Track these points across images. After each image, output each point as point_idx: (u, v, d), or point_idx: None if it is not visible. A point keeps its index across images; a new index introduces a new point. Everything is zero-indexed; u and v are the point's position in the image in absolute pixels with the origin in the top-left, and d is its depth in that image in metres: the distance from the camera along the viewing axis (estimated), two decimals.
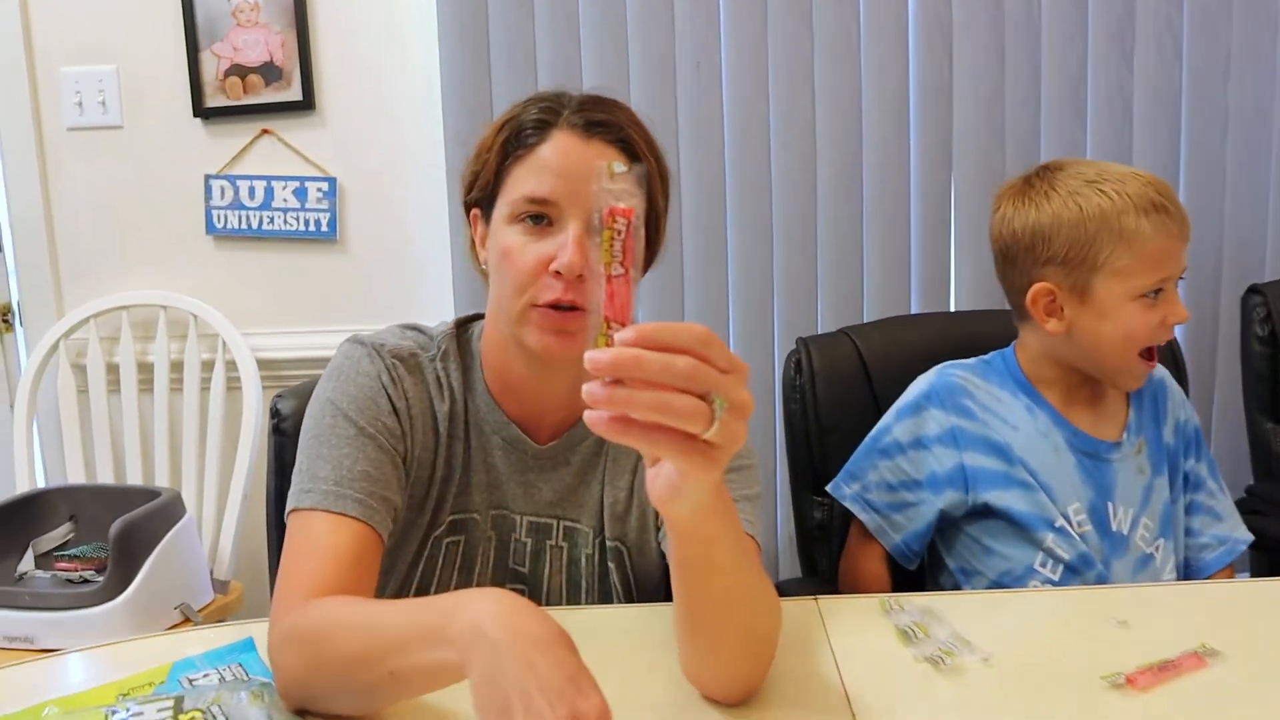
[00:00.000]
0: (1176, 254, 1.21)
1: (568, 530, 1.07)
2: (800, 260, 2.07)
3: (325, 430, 0.97)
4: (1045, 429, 1.28)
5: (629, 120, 1.00)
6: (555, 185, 0.95)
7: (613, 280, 0.63)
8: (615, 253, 0.63)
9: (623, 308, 0.63)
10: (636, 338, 0.60)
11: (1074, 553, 1.24)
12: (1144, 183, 1.21)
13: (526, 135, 0.98)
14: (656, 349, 0.60)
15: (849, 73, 2.04)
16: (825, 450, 1.38)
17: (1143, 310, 1.20)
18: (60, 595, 1.81)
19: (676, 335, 0.61)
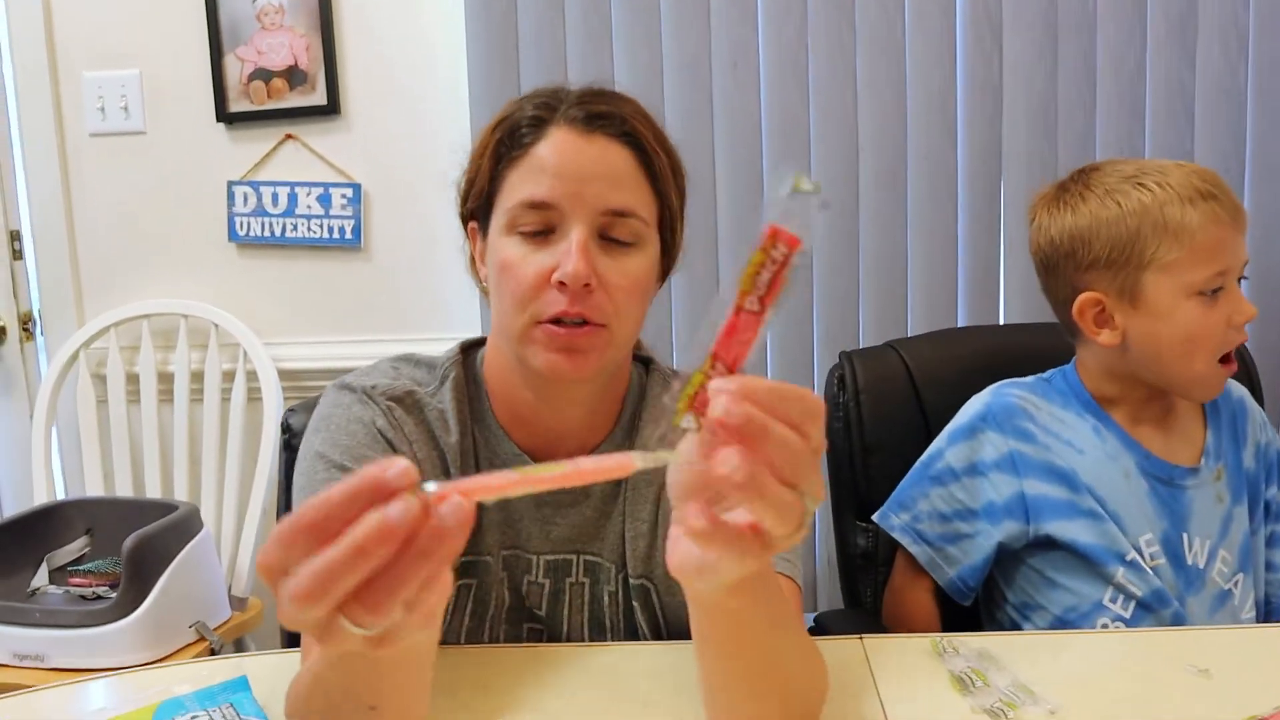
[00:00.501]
0: (1232, 245, 1.10)
1: (589, 565, 0.98)
2: (841, 268, 1.97)
3: (319, 486, 0.87)
4: (1114, 452, 1.17)
5: (634, 112, 0.90)
6: (554, 187, 0.86)
7: (741, 314, 0.51)
8: (760, 283, 0.50)
9: (739, 350, 0.51)
10: (739, 391, 0.48)
11: (1147, 588, 1.13)
12: (1187, 172, 1.11)
13: (522, 135, 0.88)
14: (763, 407, 0.49)
15: (893, 71, 1.94)
16: (870, 473, 1.29)
17: (1203, 309, 1.09)
18: (71, 613, 1.76)
19: (787, 401, 0.49)
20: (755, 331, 0.51)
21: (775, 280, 0.50)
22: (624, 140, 0.88)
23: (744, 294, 0.50)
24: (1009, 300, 1.96)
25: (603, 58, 1.97)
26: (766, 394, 0.48)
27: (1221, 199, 1.10)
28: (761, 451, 0.48)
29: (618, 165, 0.87)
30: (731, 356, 0.51)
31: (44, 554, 1.91)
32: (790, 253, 0.50)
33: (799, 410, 0.49)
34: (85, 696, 0.92)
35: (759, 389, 0.49)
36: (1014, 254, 1.95)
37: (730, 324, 0.51)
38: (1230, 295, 1.11)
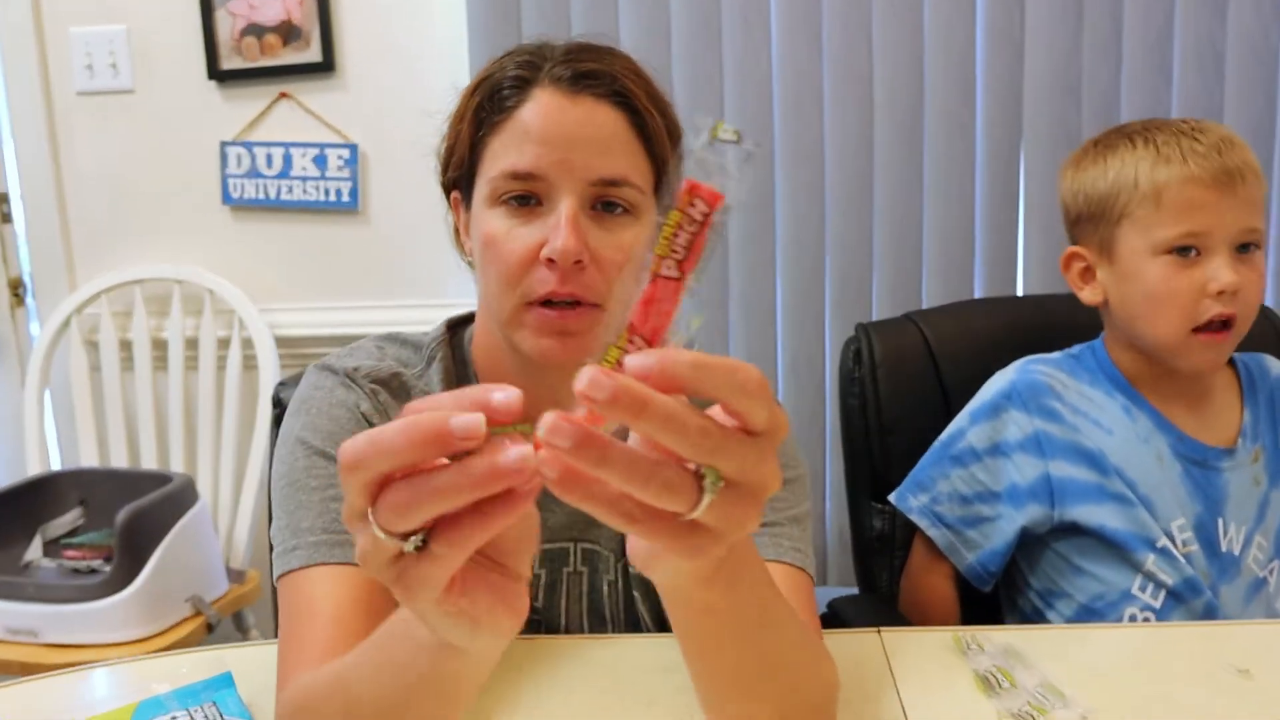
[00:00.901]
0: (1211, 206, 1.04)
1: (586, 554, 0.92)
2: (855, 234, 1.90)
3: (300, 474, 0.82)
4: (1146, 433, 1.11)
5: (625, 69, 0.83)
6: (540, 155, 0.79)
7: (659, 281, 0.45)
8: (677, 246, 0.45)
9: (658, 321, 0.45)
10: (656, 367, 0.42)
11: (1178, 576, 1.08)
12: (1182, 129, 1.07)
13: (503, 97, 0.81)
14: (677, 389, 0.42)
15: (910, 27, 1.86)
16: (887, 451, 1.23)
17: (1169, 269, 1.05)
18: (65, 587, 1.72)
19: (713, 376, 0.42)
20: (676, 299, 0.46)
21: (695, 241, 0.45)
22: (614, 101, 0.81)
23: (660, 258, 0.45)
24: (1029, 269, 1.89)
25: (608, 13, 1.89)
26: (686, 367, 0.42)
27: (1205, 156, 1.04)
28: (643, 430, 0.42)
29: (608, 128, 0.81)
30: (649, 328, 0.45)
31: (37, 526, 1.87)
32: (710, 210, 0.45)
33: (725, 381, 0.43)
34: (59, 694, 0.87)
35: (677, 362, 0.42)
36: (1034, 219, 1.88)
37: (647, 292, 0.45)
38: (1210, 261, 1.05)
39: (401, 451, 0.42)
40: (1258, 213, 1.06)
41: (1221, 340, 1.07)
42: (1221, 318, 1.06)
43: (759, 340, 1.93)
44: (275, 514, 0.81)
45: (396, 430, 0.42)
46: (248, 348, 2.03)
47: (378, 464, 0.42)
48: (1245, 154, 1.06)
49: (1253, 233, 1.06)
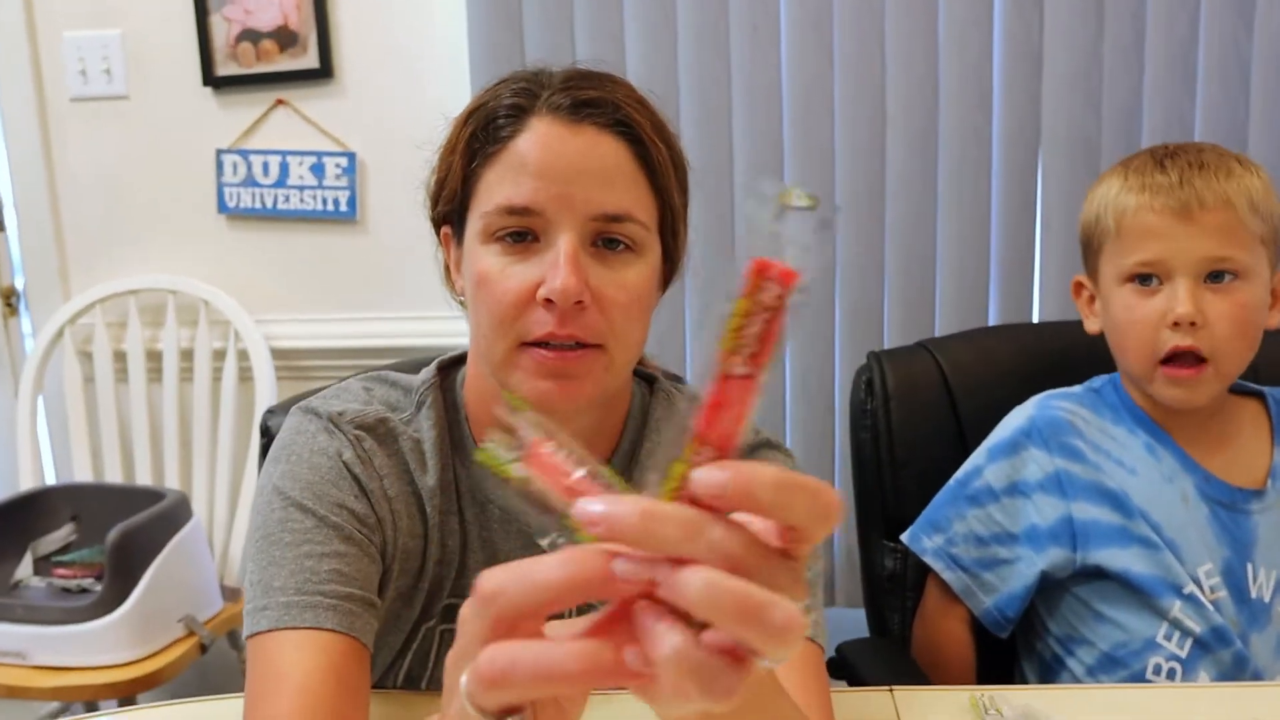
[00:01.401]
0: (1167, 234, 1.01)
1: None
2: (866, 252, 1.84)
3: (275, 527, 0.77)
4: (1171, 473, 1.06)
5: (628, 97, 0.78)
6: (537, 188, 0.74)
7: (728, 382, 0.38)
8: (746, 339, 0.38)
9: (728, 427, 0.39)
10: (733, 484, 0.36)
11: (1206, 625, 1.03)
12: (1164, 153, 1.04)
13: (498, 127, 0.76)
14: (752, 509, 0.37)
15: (924, 35, 1.80)
16: (900, 487, 1.18)
17: (1132, 299, 1.03)
18: (54, 609, 1.69)
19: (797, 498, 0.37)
20: (748, 400, 0.39)
21: (768, 332, 0.38)
22: (617, 131, 0.76)
23: (728, 354, 0.38)
24: (1045, 287, 1.83)
25: (612, 18, 1.83)
26: (769, 488, 0.36)
27: (1167, 184, 1.02)
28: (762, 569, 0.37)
29: (610, 161, 0.76)
30: (718, 435, 0.39)
31: (28, 542, 1.84)
32: (784, 292, 0.38)
33: (807, 509, 0.37)
34: None
35: (758, 480, 0.36)
36: (1052, 238, 1.82)
37: (715, 395, 0.39)
38: (1171, 291, 1.02)
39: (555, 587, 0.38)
40: (1231, 241, 1.01)
41: (1190, 376, 1.02)
42: (1179, 350, 1.01)
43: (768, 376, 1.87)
44: (249, 567, 0.77)
45: (553, 564, 0.38)
46: (243, 360, 1.99)
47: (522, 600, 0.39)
48: (1221, 181, 1.01)
49: (1224, 261, 1.01)
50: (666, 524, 0.37)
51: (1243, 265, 1.01)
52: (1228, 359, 1.03)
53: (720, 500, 0.36)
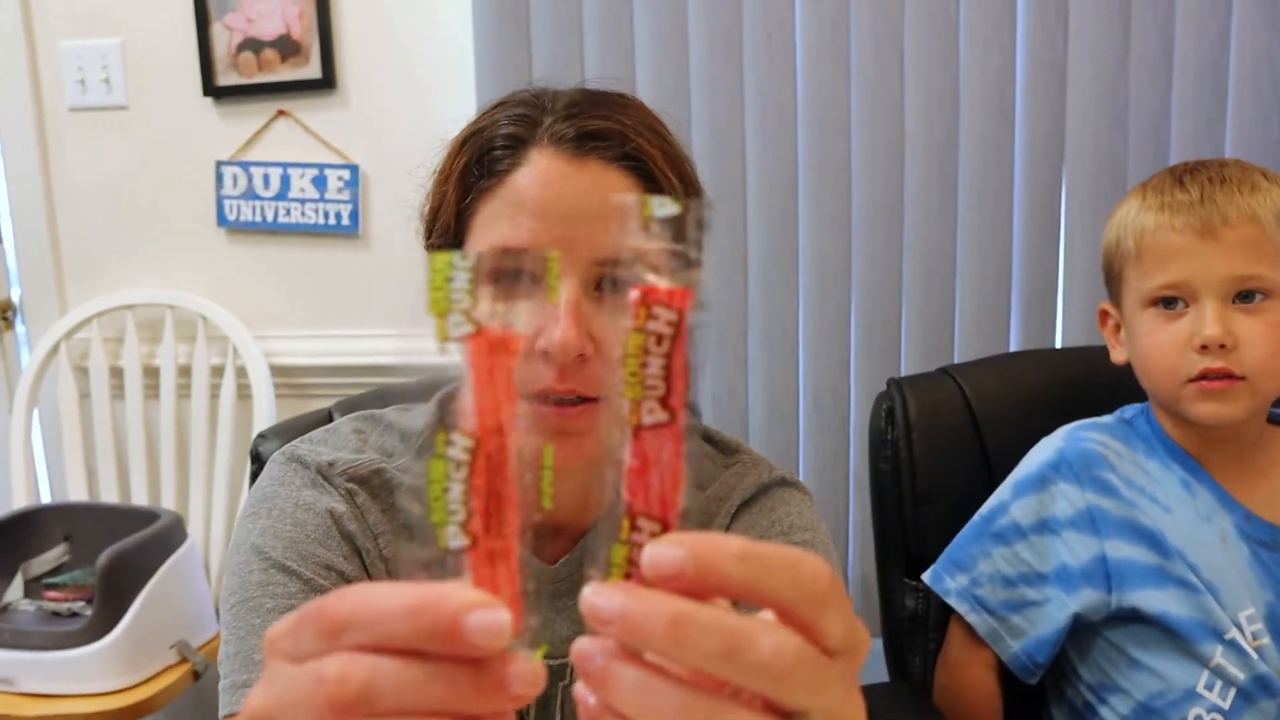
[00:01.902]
0: (1189, 253, 0.96)
1: None
2: (882, 273, 1.78)
3: (254, 591, 0.70)
4: (1209, 511, 1.00)
5: (638, 125, 0.72)
6: (536, 230, 0.68)
7: (643, 434, 0.33)
8: (650, 379, 0.33)
9: (663, 488, 0.33)
10: (690, 561, 0.31)
11: (1249, 673, 0.97)
12: (1181, 170, 1.00)
13: (495, 159, 0.70)
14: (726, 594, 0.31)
15: (945, 46, 1.74)
16: (922, 522, 1.13)
17: (1156, 323, 0.98)
18: (43, 634, 1.63)
19: (770, 572, 0.31)
20: (678, 449, 0.33)
21: (672, 365, 0.33)
22: (625, 165, 0.70)
23: (636, 404, 0.33)
24: (1069, 308, 1.76)
25: (623, 27, 1.79)
26: (733, 560, 0.31)
27: (1187, 203, 0.97)
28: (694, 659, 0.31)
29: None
30: (654, 502, 0.33)
31: (19, 563, 1.79)
32: (680, 314, 0.33)
33: (787, 583, 0.32)
34: None
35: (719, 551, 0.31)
36: (1075, 258, 1.75)
37: (634, 454, 0.33)
38: (1198, 313, 0.97)
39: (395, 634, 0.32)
40: (1259, 258, 0.96)
41: (1222, 388, 0.96)
42: (1210, 374, 0.96)
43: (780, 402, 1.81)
44: (224, 635, 0.71)
45: (397, 608, 0.32)
46: (242, 376, 1.94)
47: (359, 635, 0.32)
48: (1245, 196, 0.96)
49: (1251, 280, 0.96)
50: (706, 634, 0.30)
51: (1273, 283, 0.96)
52: (1265, 380, 0.97)
53: (679, 582, 0.31)
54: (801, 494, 0.84)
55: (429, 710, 0.32)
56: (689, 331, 0.33)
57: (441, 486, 0.32)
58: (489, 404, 0.33)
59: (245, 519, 0.75)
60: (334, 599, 0.33)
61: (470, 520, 0.33)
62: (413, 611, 0.31)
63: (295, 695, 0.33)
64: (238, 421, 1.95)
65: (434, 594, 0.32)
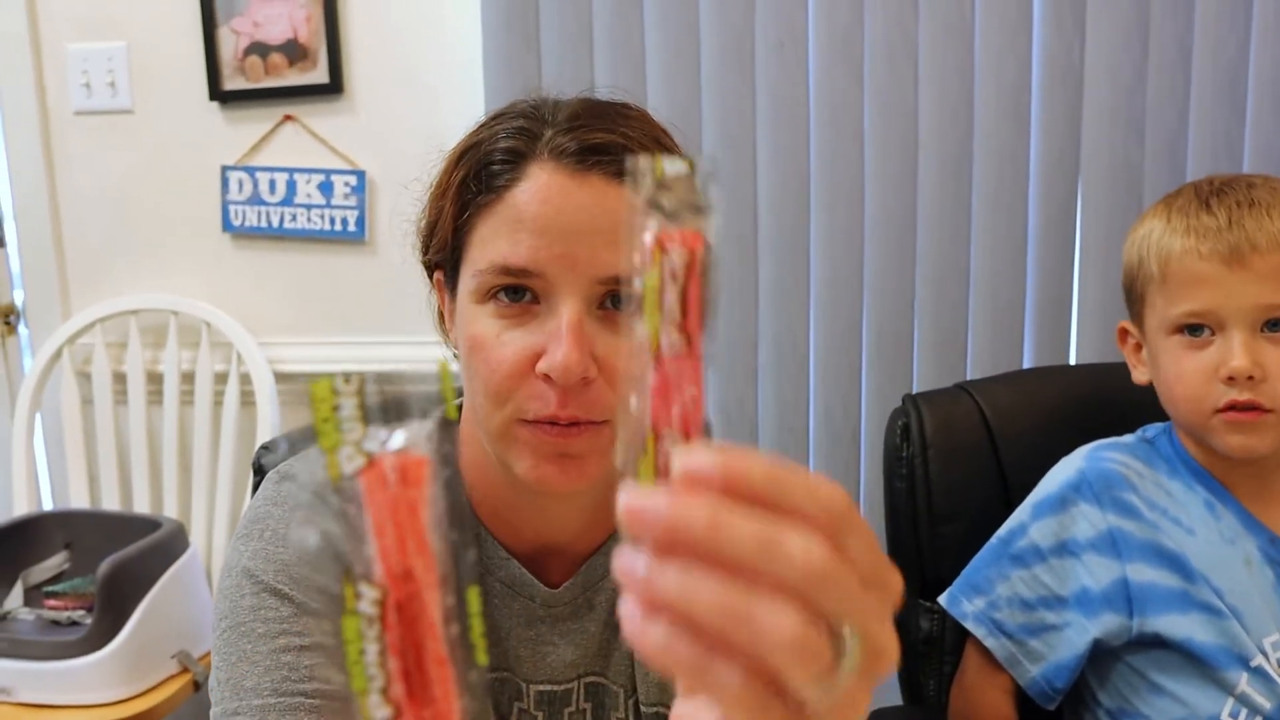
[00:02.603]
0: (1217, 281, 0.94)
1: (591, 688, 0.79)
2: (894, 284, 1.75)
3: (246, 615, 0.68)
4: (1233, 534, 0.98)
5: (642, 137, 0.70)
6: (537, 248, 0.66)
7: (665, 363, 0.35)
8: (668, 309, 0.35)
9: (685, 410, 0.35)
10: (719, 470, 0.32)
11: (1276, 701, 0.94)
12: (1210, 190, 0.96)
13: (494, 174, 0.68)
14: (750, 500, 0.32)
15: (960, 55, 1.72)
16: (939, 542, 1.10)
17: (1181, 351, 0.96)
18: (42, 644, 1.62)
19: (792, 486, 0.33)
20: (697, 375, 0.36)
21: (690, 298, 0.35)
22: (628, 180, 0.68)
23: (656, 333, 0.35)
24: (1084, 330, 1.72)
25: (633, 33, 1.77)
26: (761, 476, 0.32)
27: (1214, 228, 0.94)
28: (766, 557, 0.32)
29: (620, 216, 0.66)
30: (680, 418, 0.35)
31: (18, 571, 1.77)
32: (693, 255, 0.36)
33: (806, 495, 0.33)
34: None
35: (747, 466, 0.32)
36: (1091, 271, 1.72)
37: (660, 380, 0.35)
38: (1224, 343, 0.94)
39: None
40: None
41: (1251, 419, 0.94)
42: (1237, 405, 0.94)
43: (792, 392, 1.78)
44: (215, 661, 0.69)
45: None
46: (246, 383, 1.92)
47: None
48: (1275, 220, 0.93)
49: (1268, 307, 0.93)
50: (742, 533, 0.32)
51: None
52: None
53: (708, 488, 0.32)
54: None
55: None
56: (703, 270, 0.35)
57: (358, 648, 0.30)
58: (392, 546, 0.31)
59: (238, 540, 0.73)
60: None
61: (390, 686, 0.30)
62: None
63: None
64: (241, 429, 1.93)
65: None
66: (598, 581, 0.78)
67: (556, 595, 0.77)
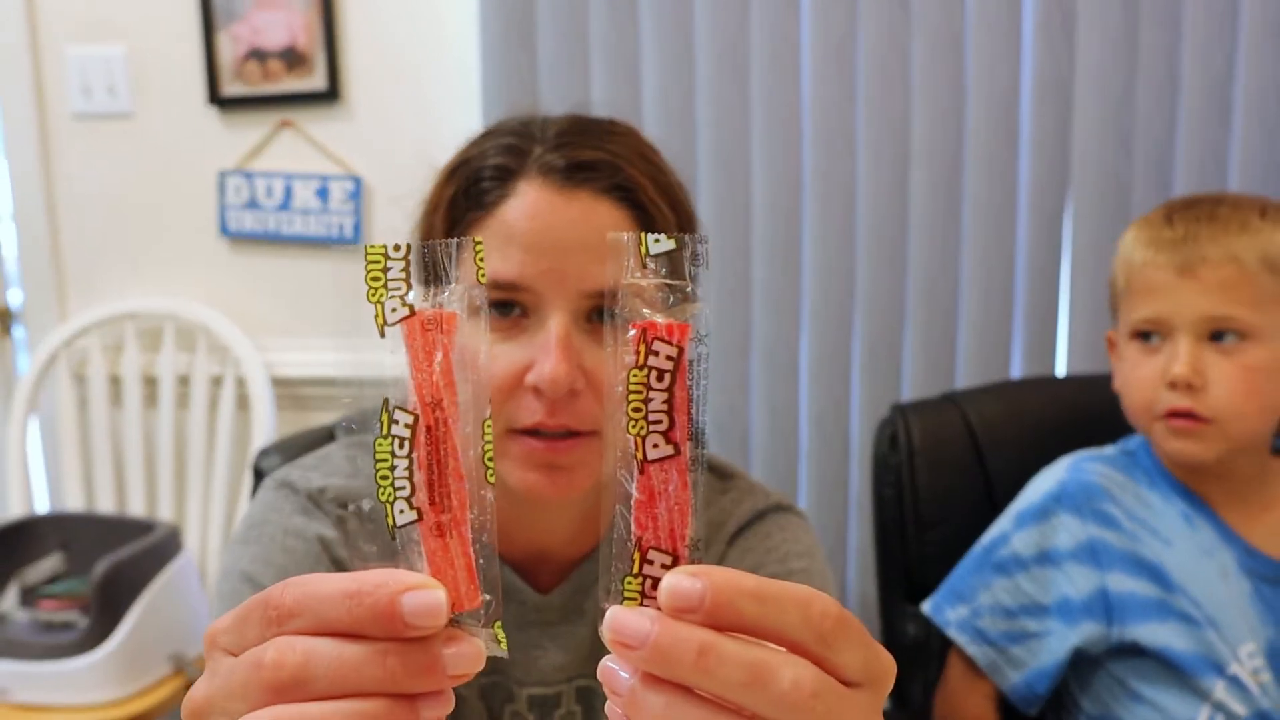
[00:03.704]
0: (1168, 291, 0.97)
1: (582, 692, 0.81)
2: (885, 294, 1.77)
3: None
4: (1209, 546, 1.00)
5: (630, 154, 0.72)
6: (525, 263, 0.68)
7: (649, 468, 0.34)
8: (654, 414, 0.34)
9: (672, 521, 0.34)
10: (708, 594, 0.32)
11: (1250, 709, 0.96)
12: (1177, 205, 1.01)
13: (483, 190, 0.70)
14: (738, 628, 0.32)
15: (951, 69, 1.74)
16: (925, 549, 1.12)
17: (1137, 355, 1.00)
18: (36, 644, 1.63)
19: (782, 611, 0.33)
20: (684, 481, 0.35)
21: (674, 397, 0.34)
22: (615, 196, 0.70)
23: (640, 440, 0.34)
24: (1074, 333, 1.74)
25: (629, 46, 1.78)
26: (749, 597, 0.32)
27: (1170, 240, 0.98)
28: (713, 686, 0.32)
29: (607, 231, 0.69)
30: (665, 534, 0.34)
31: (13, 572, 1.78)
32: (680, 349, 0.34)
33: (798, 622, 0.33)
34: None
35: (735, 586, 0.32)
36: (1081, 282, 1.74)
37: (643, 489, 0.34)
38: (1171, 350, 0.97)
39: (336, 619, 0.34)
40: (1234, 299, 0.96)
41: (1190, 427, 0.97)
42: (1175, 412, 0.96)
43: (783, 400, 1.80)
44: None
45: (337, 594, 0.34)
46: (242, 387, 1.94)
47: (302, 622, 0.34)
48: (1230, 236, 0.96)
49: (1226, 320, 0.96)
50: (731, 664, 0.32)
51: (1248, 325, 0.95)
52: (1233, 423, 0.96)
53: (695, 615, 0.32)
54: (798, 519, 0.83)
55: (363, 690, 0.33)
56: (689, 365, 0.34)
57: (388, 465, 0.35)
58: (426, 380, 0.35)
59: (236, 544, 0.75)
60: (278, 589, 0.35)
61: (415, 494, 0.34)
62: (351, 596, 0.33)
63: (234, 682, 0.34)
64: (237, 432, 1.94)
65: (371, 579, 0.33)
66: (588, 587, 0.80)
67: (547, 600, 0.79)
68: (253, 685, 0.34)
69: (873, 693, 0.35)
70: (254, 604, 0.35)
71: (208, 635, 0.37)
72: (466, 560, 0.35)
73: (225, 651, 0.36)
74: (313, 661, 0.33)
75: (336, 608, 0.33)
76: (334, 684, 0.33)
